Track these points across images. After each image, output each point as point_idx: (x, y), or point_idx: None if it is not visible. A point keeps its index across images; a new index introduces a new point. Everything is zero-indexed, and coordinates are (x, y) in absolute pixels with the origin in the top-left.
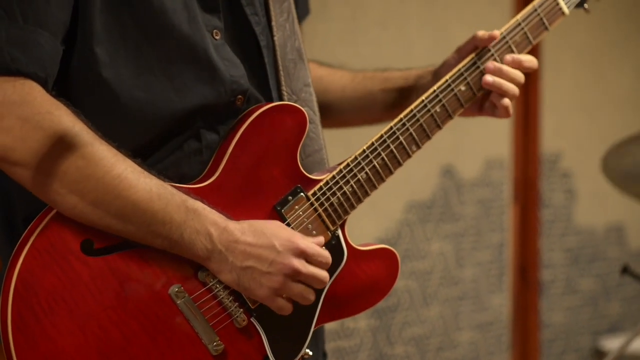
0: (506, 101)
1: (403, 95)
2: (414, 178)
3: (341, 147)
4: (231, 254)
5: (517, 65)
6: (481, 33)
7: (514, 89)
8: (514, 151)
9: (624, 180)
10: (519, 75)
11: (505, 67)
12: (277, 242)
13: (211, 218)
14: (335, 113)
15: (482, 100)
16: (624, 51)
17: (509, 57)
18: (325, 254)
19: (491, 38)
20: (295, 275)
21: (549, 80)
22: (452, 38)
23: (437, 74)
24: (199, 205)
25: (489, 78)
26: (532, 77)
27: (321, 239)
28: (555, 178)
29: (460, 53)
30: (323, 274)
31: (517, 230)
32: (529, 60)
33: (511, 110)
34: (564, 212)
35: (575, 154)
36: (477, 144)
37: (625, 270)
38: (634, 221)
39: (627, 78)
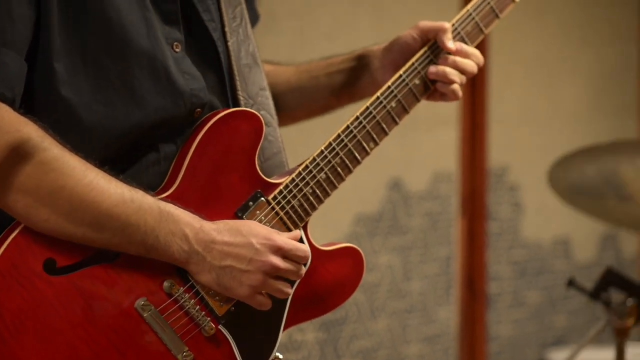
0: (454, 86)
1: (347, 76)
2: (362, 191)
3: (300, 147)
4: (209, 254)
5: (464, 55)
6: (447, 26)
7: (459, 76)
8: (461, 164)
9: (570, 193)
10: (469, 64)
11: (457, 59)
12: (255, 239)
13: (185, 219)
14: (284, 106)
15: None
16: (571, 65)
17: (457, 45)
18: (302, 247)
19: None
20: (274, 272)
21: (497, 93)
22: None
23: (389, 50)
24: (171, 207)
25: (432, 68)
26: (479, 91)
27: (298, 233)
28: (502, 191)
29: (422, 36)
30: (301, 268)
31: (464, 243)
32: (475, 54)
33: (460, 94)
34: (510, 225)
35: (522, 167)
36: (425, 157)
37: (571, 283)
38: (579, 235)
39: (575, 92)
